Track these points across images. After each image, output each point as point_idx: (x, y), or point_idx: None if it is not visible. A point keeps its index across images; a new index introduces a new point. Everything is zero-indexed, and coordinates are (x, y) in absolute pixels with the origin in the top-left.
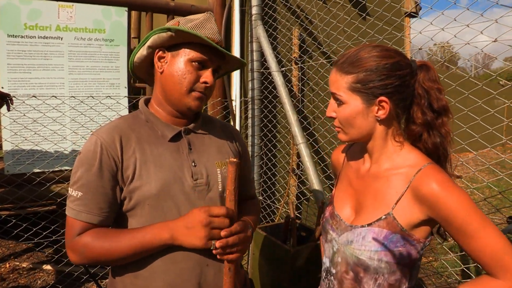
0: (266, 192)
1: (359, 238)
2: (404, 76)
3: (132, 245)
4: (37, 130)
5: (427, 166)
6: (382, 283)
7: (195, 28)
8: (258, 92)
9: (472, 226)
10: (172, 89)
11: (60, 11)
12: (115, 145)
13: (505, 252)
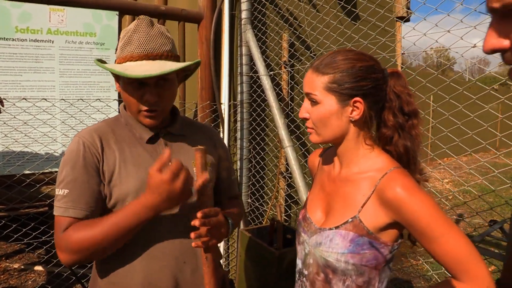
0: (255, 195)
1: (327, 241)
2: (378, 79)
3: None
4: (28, 132)
5: (393, 170)
6: (350, 285)
7: (123, 47)
8: (247, 96)
9: (436, 230)
10: (128, 109)
11: (51, 14)
12: (96, 144)
13: (468, 256)
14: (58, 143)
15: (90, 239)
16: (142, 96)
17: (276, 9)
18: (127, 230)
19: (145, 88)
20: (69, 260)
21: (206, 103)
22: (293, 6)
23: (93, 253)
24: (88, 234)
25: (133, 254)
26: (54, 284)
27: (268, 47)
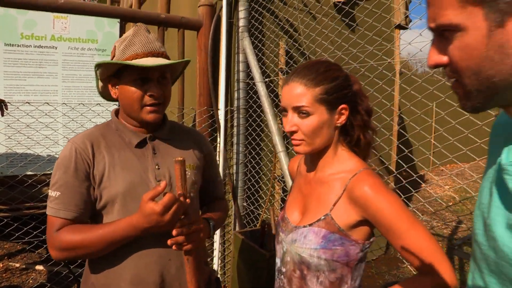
0: (250, 198)
1: (301, 237)
2: (353, 86)
3: (104, 240)
4: (30, 134)
5: (362, 171)
6: (323, 281)
7: (125, 49)
8: (244, 102)
9: (400, 226)
10: (128, 109)
11: (55, 21)
12: (88, 150)
13: (431, 251)
14: (60, 146)
15: (79, 243)
16: (146, 91)
17: (272, 17)
18: (114, 242)
19: (149, 84)
20: (59, 257)
21: (204, 108)
22: (288, 15)
23: (81, 255)
24: (78, 238)
25: (122, 252)
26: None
27: (265, 54)
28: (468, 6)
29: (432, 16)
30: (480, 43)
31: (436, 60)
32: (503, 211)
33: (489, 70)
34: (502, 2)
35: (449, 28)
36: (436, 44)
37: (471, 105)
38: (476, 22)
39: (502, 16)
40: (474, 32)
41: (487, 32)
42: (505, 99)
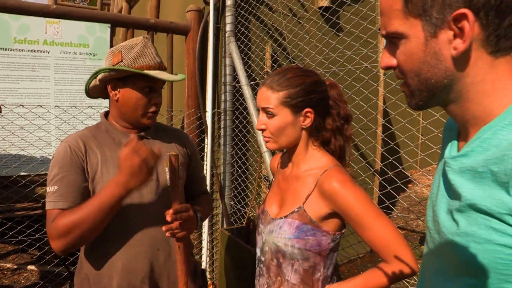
0: (237, 197)
1: (277, 228)
2: (323, 91)
3: (96, 209)
4: (24, 136)
5: (332, 168)
6: (297, 269)
7: (136, 58)
8: (230, 104)
9: (365, 218)
10: (129, 113)
11: (48, 26)
12: (81, 147)
13: (394, 240)
14: (52, 147)
15: (75, 221)
16: (151, 99)
17: (258, 22)
18: (105, 208)
19: (154, 93)
20: (60, 246)
21: (192, 110)
22: (273, 20)
23: (80, 235)
24: (73, 217)
25: (113, 243)
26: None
27: (251, 58)
28: (410, 17)
29: (384, 25)
30: (419, 49)
31: (387, 62)
32: (446, 198)
33: (427, 73)
34: (434, 16)
35: (396, 36)
36: (387, 49)
37: (415, 102)
38: (416, 32)
39: (435, 28)
40: (415, 40)
41: (424, 40)
42: (442, 100)
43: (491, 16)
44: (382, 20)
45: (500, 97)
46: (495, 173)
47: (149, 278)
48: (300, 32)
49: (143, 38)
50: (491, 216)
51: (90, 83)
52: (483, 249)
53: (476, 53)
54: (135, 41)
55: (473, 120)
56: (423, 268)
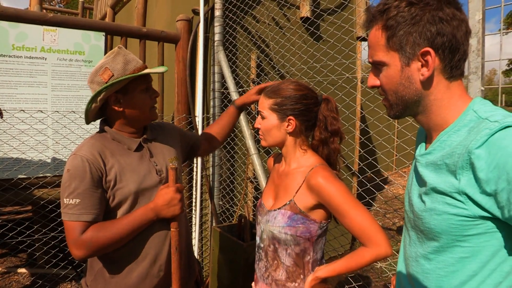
0: (226, 197)
1: (272, 218)
2: (309, 104)
3: (127, 229)
4: (24, 140)
5: (318, 166)
6: (291, 253)
7: (125, 66)
8: (219, 110)
9: (345, 207)
10: (137, 115)
11: (45, 34)
12: (98, 160)
13: (370, 227)
14: (51, 150)
15: (110, 238)
16: (151, 95)
17: (245, 33)
18: (135, 229)
19: (150, 90)
20: (84, 255)
21: (182, 115)
22: (258, 30)
23: (107, 249)
24: (109, 234)
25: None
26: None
27: (238, 66)
28: (391, 51)
29: (371, 54)
30: (396, 74)
31: (372, 83)
32: (417, 186)
33: (402, 92)
34: (408, 51)
35: (380, 63)
36: (373, 72)
37: (393, 113)
38: (394, 61)
39: (408, 60)
40: (393, 67)
41: (401, 68)
42: (413, 111)
43: (446, 53)
44: (369, 51)
45: (453, 110)
46: (448, 164)
47: (166, 266)
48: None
49: (118, 49)
50: (446, 195)
51: (91, 107)
52: (441, 218)
53: (437, 78)
54: (114, 53)
55: (435, 127)
56: (402, 245)
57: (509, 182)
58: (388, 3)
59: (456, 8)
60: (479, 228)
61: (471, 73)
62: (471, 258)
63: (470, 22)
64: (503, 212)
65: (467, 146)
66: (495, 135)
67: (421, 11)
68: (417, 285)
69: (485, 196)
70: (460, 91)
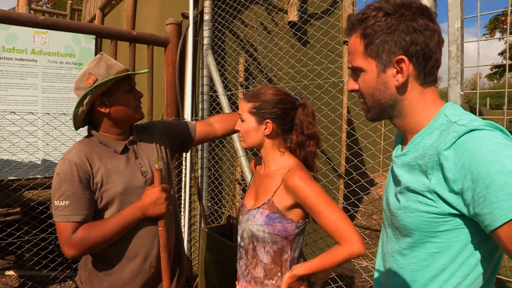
0: (214, 199)
1: (252, 217)
2: (286, 108)
3: (116, 227)
4: (15, 142)
5: (295, 168)
6: (269, 250)
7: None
8: (207, 112)
9: (319, 206)
10: (123, 116)
11: (36, 36)
12: (85, 164)
13: (342, 224)
14: (41, 152)
15: (100, 237)
16: (135, 96)
17: (234, 37)
18: (124, 227)
19: (133, 91)
20: (76, 254)
21: (171, 118)
22: (246, 34)
23: (98, 247)
24: (100, 233)
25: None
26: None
27: (227, 69)
28: (368, 58)
29: (350, 60)
30: (373, 80)
31: (351, 87)
32: (393, 185)
33: (378, 96)
34: (384, 59)
35: (358, 69)
36: (352, 77)
37: (370, 116)
38: (371, 68)
39: (383, 66)
40: (370, 73)
41: (377, 74)
42: (389, 115)
43: (420, 61)
44: (349, 57)
45: (426, 114)
46: (420, 165)
47: (156, 262)
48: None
49: (100, 55)
50: (418, 194)
51: (78, 112)
52: (414, 216)
53: (411, 84)
54: (96, 60)
55: (410, 130)
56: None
57: (473, 181)
58: (366, 13)
59: (429, 19)
60: (449, 225)
61: (451, 78)
62: (441, 253)
63: (450, 30)
64: (469, 209)
65: (437, 148)
66: (462, 138)
67: (397, 21)
68: (393, 279)
69: (453, 194)
70: (433, 97)
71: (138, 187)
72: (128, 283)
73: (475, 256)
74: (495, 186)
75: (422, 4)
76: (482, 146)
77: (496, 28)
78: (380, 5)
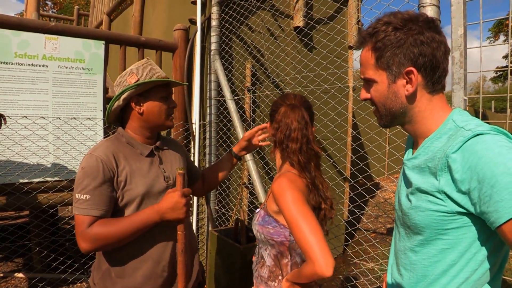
0: (221, 202)
1: (256, 216)
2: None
3: (131, 227)
4: (27, 145)
5: (282, 174)
6: (269, 254)
7: (151, 74)
8: (215, 117)
9: (289, 218)
10: (155, 120)
11: (47, 42)
12: (111, 162)
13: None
14: (52, 155)
15: (114, 234)
16: (170, 104)
17: (241, 42)
18: (139, 228)
19: (170, 99)
20: (91, 249)
21: (180, 123)
22: (253, 39)
23: (113, 244)
24: (111, 228)
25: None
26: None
27: (234, 75)
28: (379, 69)
29: (362, 72)
30: (384, 90)
31: (364, 96)
32: (404, 187)
33: (390, 105)
34: (394, 70)
35: (370, 80)
36: (364, 87)
37: (383, 123)
38: (382, 79)
39: (393, 77)
40: (382, 84)
41: (388, 85)
42: (400, 122)
43: (428, 71)
44: (361, 69)
45: (435, 120)
46: (430, 167)
47: (169, 266)
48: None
49: (147, 60)
50: (428, 194)
51: (113, 105)
52: (425, 215)
53: (420, 93)
54: (142, 63)
55: (420, 135)
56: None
57: (479, 181)
58: (376, 27)
59: (436, 31)
60: (457, 223)
61: (454, 83)
62: (450, 249)
63: (453, 36)
64: (476, 208)
65: (445, 151)
66: (468, 142)
67: (405, 35)
68: (406, 275)
69: (460, 194)
70: (441, 103)
71: (159, 192)
72: (140, 287)
73: (482, 252)
74: (499, 186)
75: (428, 17)
76: (488, 149)
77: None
78: (389, 20)
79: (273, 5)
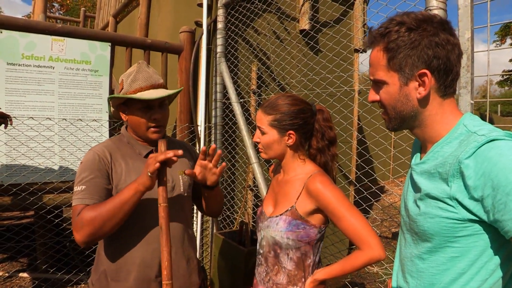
0: (226, 205)
1: (274, 224)
2: (306, 117)
3: (114, 203)
4: (33, 146)
5: (316, 173)
6: (292, 257)
7: (131, 83)
8: (220, 119)
9: (340, 211)
10: (136, 130)
11: (53, 44)
12: (107, 157)
13: (363, 229)
14: (57, 157)
15: (97, 214)
16: (151, 116)
17: (246, 45)
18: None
19: (152, 110)
20: (83, 235)
21: (185, 125)
22: (259, 42)
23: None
24: (97, 209)
25: (130, 240)
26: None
27: (239, 77)
28: (390, 71)
29: (372, 73)
30: (395, 92)
31: (373, 98)
32: (412, 192)
33: (400, 107)
34: (406, 72)
35: (380, 82)
36: (373, 88)
37: (391, 126)
38: (394, 81)
39: (406, 80)
40: (393, 85)
41: (399, 87)
42: (410, 125)
43: (441, 74)
44: (371, 69)
45: (445, 124)
46: (440, 173)
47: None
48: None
49: (138, 64)
50: (438, 200)
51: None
52: (434, 221)
53: (432, 96)
54: (132, 69)
55: (429, 139)
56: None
57: (494, 188)
58: (389, 28)
59: (450, 34)
60: (468, 230)
61: (461, 87)
62: (460, 258)
63: (460, 40)
64: (489, 216)
65: (458, 157)
66: (482, 147)
67: (419, 36)
68: (412, 283)
69: (473, 201)
70: (452, 107)
71: (154, 192)
72: None
73: (494, 261)
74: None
75: (443, 18)
76: (503, 155)
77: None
78: (402, 20)
79: (279, 8)
